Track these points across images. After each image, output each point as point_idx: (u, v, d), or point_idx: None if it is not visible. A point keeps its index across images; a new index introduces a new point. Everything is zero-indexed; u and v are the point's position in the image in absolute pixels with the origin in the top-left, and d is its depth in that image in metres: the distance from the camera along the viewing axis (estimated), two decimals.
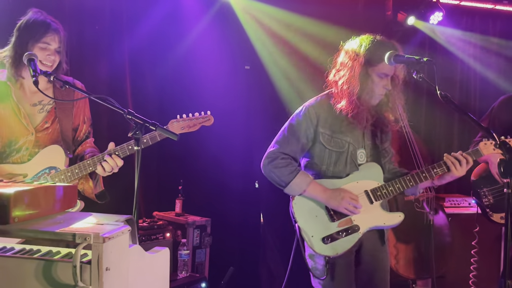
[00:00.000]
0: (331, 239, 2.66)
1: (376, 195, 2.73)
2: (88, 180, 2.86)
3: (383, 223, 2.76)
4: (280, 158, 2.69)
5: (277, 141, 2.79)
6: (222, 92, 4.91)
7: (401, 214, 2.78)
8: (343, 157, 2.73)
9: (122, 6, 4.61)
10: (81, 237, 1.47)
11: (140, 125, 2.19)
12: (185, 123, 2.87)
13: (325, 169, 2.75)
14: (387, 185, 2.74)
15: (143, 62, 4.74)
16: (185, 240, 4.21)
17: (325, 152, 2.73)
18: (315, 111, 2.73)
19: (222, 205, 4.96)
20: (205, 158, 4.81)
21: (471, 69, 6.18)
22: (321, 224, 2.68)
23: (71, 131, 2.88)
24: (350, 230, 2.68)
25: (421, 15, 5.61)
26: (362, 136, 2.78)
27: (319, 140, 2.72)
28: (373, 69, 2.59)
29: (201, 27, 4.88)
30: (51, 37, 2.70)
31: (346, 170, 2.74)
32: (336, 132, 2.71)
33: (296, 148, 2.75)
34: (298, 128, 2.74)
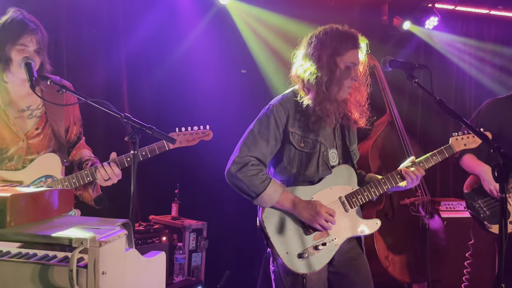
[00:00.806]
0: (308, 254, 2.42)
1: (352, 201, 2.53)
2: (87, 188, 2.82)
3: (360, 231, 2.56)
4: (250, 165, 2.44)
5: (244, 143, 2.53)
6: (218, 96, 4.92)
7: (377, 221, 2.59)
8: (315, 159, 2.51)
9: (119, 9, 4.62)
10: (78, 241, 1.47)
11: (137, 129, 2.18)
12: (184, 137, 2.87)
13: (296, 172, 2.52)
14: (362, 190, 2.55)
15: (140, 66, 4.74)
16: (181, 244, 4.21)
17: (296, 154, 2.51)
18: (283, 108, 2.52)
19: (218, 208, 4.96)
20: (201, 161, 4.80)
21: (466, 74, 6.22)
22: (295, 239, 2.43)
23: (64, 133, 2.83)
24: (327, 243, 2.46)
25: (417, 20, 5.64)
26: (333, 135, 2.60)
27: (288, 140, 2.50)
28: (341, 59, 2.44)
29: (197, 31, 4.90)
30: (28, 38, 2.60)
31: (318, 174, 2.52)
32: (306, 131, 2.50)
33: (266, 151, 2.49)
34: (267, 128, 2.50)
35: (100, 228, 1.60)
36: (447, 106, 2.09)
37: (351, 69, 2.46)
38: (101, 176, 2.69)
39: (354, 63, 2.47)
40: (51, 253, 1.70)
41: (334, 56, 2.44)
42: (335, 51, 2.44)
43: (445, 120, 5.79)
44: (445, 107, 2.08)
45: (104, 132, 4.36)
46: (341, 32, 2.50)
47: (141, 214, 4.66)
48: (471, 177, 3.26)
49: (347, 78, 2.45)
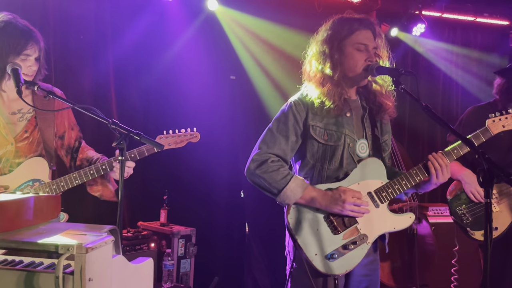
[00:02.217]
0: (337, 255, 2.33)
1: (382, 196, 2.41)
2: (106, 185, 2.84)
3: (393, 227, 2.44)
4: (270, 161, 2.36)
5: (263, 141, 2.44)
6: (207, 102, 4.93)
7: (411, 215, 2.47)
8: (339, 152, 2.41)
9: (107, 15, 4.61)
10: (64, 247, 1.46)
11: (125, 135, 2.18)
12: (172, 139, 2.89)
13: (320, 167, 2.42)
14: (393, 183, 2.42)
15: (128, 71, 4.74)
16: (169, 250, 4.19)
17: (319, 148, 2.42)
18: (302, 103, 2.45)
19: (207, 214, 4.95)
20: (190, 167, 4.80)
21: (453, 81, 6.30)
22: (324, 239, 2.33)
23: (54, 140, 2.83)
24: (358, 241, 2.35)
25: (404, 27, 5.72)
26: (362, 125, 2.49)
27: (310, 135, 2.42)
28: (347, 42, 2.40)
29: (186, 37, 4.90)
30: (33, 48, 2.64)
31: (343, 168, 2.42)
32: (329, 123, 2.41)
33: (286, 147, 2.41)
34: (285, 124, 2.43)
35: (87, 235, 1.60)
36: (433, 112, 2.10)
37: (363, 50, 2.41)
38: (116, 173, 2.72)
39: (365, 44, 2.42)
40: (37, 260, 1.69)
41: (342, 41, 2.42)
42: (343, 35, 2.42)
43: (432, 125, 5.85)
44: (432, 114, 2.09)
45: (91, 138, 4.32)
46: (346, 17, 2.50)
47: (129, 220, 4.65)
48: (454, 183, 3.28)
49: (360, 60, 2.40)
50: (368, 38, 2.44)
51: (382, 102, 2.51)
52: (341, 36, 2.43)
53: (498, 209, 3.06)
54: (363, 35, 2.43)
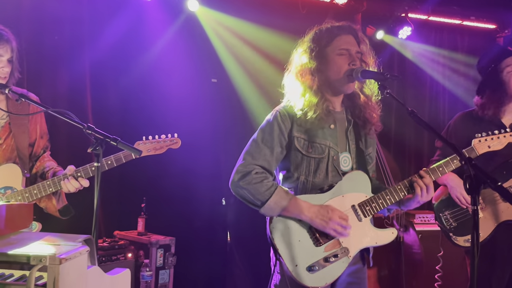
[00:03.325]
0: (318, 267, 2.35)
1: (365, 210, 2.45)
2: (51, 198, 2.80)
3: (375, 242, 2.48)
4: (254, 173, 2.38)
5: (247, 152, 2.46)
6: (188, 106, 4.92)
7: (393, 230, 2.51)
8: (324, 165, 2.45)
9: (83, 15, 4.58)
10: (36, 258, 1.45)
11: (101, 140, 2.16)
12: (152, 145, 2.86)
13: (304, 179, 2.45)
14: (377, 198, 2.46)
15: (105, 74, 4.71)
16: (147, 261, 4.17)
17: (303, 160, 2.45)
18: (288, 113, 2.47)
19: (187, 223, 4.94)
20: (169, 173, 4.79)
21: (440, 85, 6.39)
22: (305, 250, 2.37)
23: (27, 147, 2.82)
24: (339, 254, 2.39)
25: (390, 29, 5.80)
26: (346, 138, 2.53)
27: (294, 146, 2.45)
28: (329, 49, 2.43)
29: (166, 39, 4.90)
30: (4, 48, 2.62)
31: (328, 180, 2.46)
32: (313, 135, 2.45)
33: (271, 159, 2.44)
34: (270, 134, 2.45)
35: (61, 245, 1.58)
36: (419, 117, 2.12)
37: (345, 55, 2.44)
38: (67, 188, 2.67)
39: (346, 48, 2.44)
40: (7, 272, 1.67)
41: (324, 49, 2.45)
42: (323, 43, 2.45)
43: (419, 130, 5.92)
44: (417, 118, 2.12)
45: (67, 144, 4.30)
46: (326, 26, 2.52)
47: (105, 229, 4.61)
48: (440, 188, 3.33)
49: (343, 64, 2.42)
50: (349, 42, 2.47)
51: (368, 116, 2.54)
52: (322, 45, 2.46)
53: (481, 215, 3.12)
54: (344, 40, 2.47)
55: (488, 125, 3.24)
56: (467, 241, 3.16)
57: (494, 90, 3.24)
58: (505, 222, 3.10)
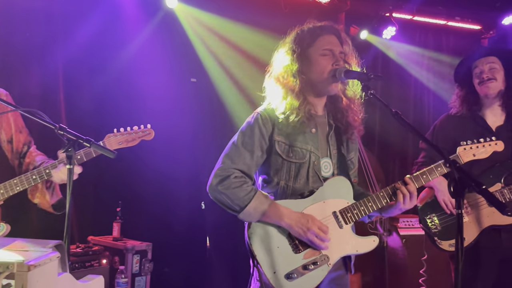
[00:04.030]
0: (297, 275, 2.34)
1: (347, 216, 2.44)
2: (45, 194, 2.77)
3: (355, 250, 2.47)
4: (233, 177, 2.37)
5: (226, 155, 2.45)
6: (166, 106, 4.90)
7: (375, 238, 2.50)
8: (304, 170, 2.45)
9: (56, 11, 4.53)
10: (3, 265, 1.43)
11: (73, 141, 2.14)
12: (123, 137, 2.82)
13: (284, 185, 2.46)
14: (359, 205, 2.46)
15: (79, 72, 4.67)
16: (123, 267, 4.14)
17: (283, 165, 2.45)
18: (269, 116, 2.46)
19: (164, 228, 4.91)
20: (146, 176, 4.76)
21: (424, 86, 6.47)
22: (284, 257, 2.36)
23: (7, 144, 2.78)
24: (319, 262, 2.38)
25: (374, 29, 5.85)
26: (327, 143, 2.54)
27: (274, 150, 2.44)
28: (311, 50, 2.45)
29: (143, 36, 4.87)
30: None
31: (308, 186, 2.46)
32: (294, 139, 2.45)
33: (250, 162, 2.43)
34: (251, 138, 2.44)
35: (30, 251, 1.56)
36: (403, 118, 2.13)
37: (328, 55, 2.44)
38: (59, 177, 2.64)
39: (330, 49, 2.45)
40: None
41: (306, 50, 2.45)
42: (305, 44, 2.46)
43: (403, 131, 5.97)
44: (401, 120, 2.13)
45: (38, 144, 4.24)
46: (308, 27, 2.53)
47: (79, 234, 4.56)
48: (425, 190, 3.36)
49: (326, 64, 2.43)
50: (332, 42, 2.48)
51: (350, 120, 2.55)
52: (304, 45, 2.47)
53: (467, 219, 3.15)
54: (327, 40, 2.47)
55: (474, 126, 3.28)
56: (452, 246, 3.19)
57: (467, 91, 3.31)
58: (490, 227, 3.14)
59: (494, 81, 3.20)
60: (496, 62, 3.24)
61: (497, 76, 3.21)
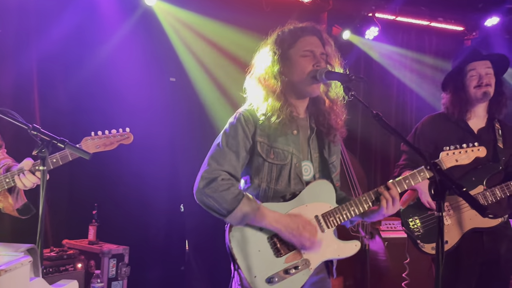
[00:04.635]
0: (278, 279, 2.35)
1: (329, 220, 2.45)
2: (7, 197, 2.73)
3: (337, 254, 2.48)
4: (220, 179, 2.36)
5: (212, 157, 2.44)
6: (144, 106, 4.88)
7: (357, 242, 2.51)
8: (286, 172, 2.46)
9: (31, 6, 4.48)
10: None
11: (47, 142, 2.12)
12: (101, 141, 2.80)
13: (266, 187, 2.47)
14: (341, 209, 2.47)
15: (54, 71, 4.62)
16: (99, 271, 4.09)
17: (265, 166, 2.46)
18: (251, 116, 2.47)
19: (142, 231, 4.89)
20: (123, 178, 4.73)
21: (407, 87, 6.54)
22: (265, 261, 2.36)
23: None
24: (300, 266, 2.39)
25: (357, 29, 5.90)
26: (308, 146, 2.56)
27: (256, 151, 2.45)
28: (292, 51, 2.46)
29: (120, 35, 4.84)
30: None
31: (290, 188, 2.48)
32: (276, 141, 2.46)
33: (236, 164, 2.43)
34: (235, 138, 2.44)
35: (0, 255, 1.54)
36: (384, 120, 2.15)
37: (309, 56, 2.45)
38: (22, 183, 2.60)
39: (311, 50, 2.46)
40: None
41: (287, 51, 2.47)
42: (286, 45, 2.47)
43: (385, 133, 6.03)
44: (382, 122, 2.15)
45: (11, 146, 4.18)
46: (289, 28, 2.54)
47: (53, 238, 4.52)
48: (408, 192, 3.38)
49: (307, 66, 2.44)
50: (313, 43, 2.49)
51: (332, 122, 2.57)
52: (285, 47, 2.48)
53: (449, 222, 3.19)
54: (308, 41, 2.49)
55: (456, 128, 3.33)
56: (434, 249, 3.22)
57: (456, 90, 3.34)
58: (472, 229, 3.18)
59: (490, 87, 3.26)
60: (491, 67, 3.29)
61: (492, 82, 3.28)
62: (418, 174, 2.53)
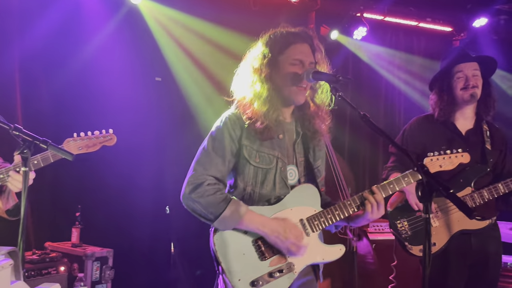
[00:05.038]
0: (262, 282, 2.38)
1: (314, 224, 2.48)
2: None
3: (322, 258, 2.52)
4: (206, 184, 2.39)
5: (198, 162, 2.46)
6: (129, 106, 4.87)
7: (341, 246, 2.55)
8: (271, 176, 2.49)
9: (14, 4, 4.45)
10: None
11: (29, 142, 2.11)
12: (83, 142, 2.78)
13: (251, 190, 2.50)
14: (326, 213, 2.50)
15: (37, 70, 4.60)
16: (82, 275, 4.08)
17: (250, 170, 2.48)
18: (238, 119, 2.49)
19: (127, 233, 4.87)
20: (107, 179, 4.71)
21: (395, 88, 6.58)
22: (249, 264, 2.39)
23: None
24: (285, 270, 2.42)
25: (345, 29, 5.93)
26: (293, 151, 2.59)
27: (242, 154, 2.48)
28: (282, 58, 2.47)
29: (106, 33, 4.82)
30: None
31: (275, 192, 2.50)
32: (261, 145, 2.48)
33: (223, 168, 2.46)
34: (221, 142, 2.47)
35: None
36: (371, 121, 2.17)
37: (298, 65, 2.47)
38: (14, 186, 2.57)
39: (300, 59, 2.47)
40: None
41: (277, 57, 2.48)
42: (276, 51, 2.48)
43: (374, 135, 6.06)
44: (370, 123, 2.16)
45: None
46: (281, 31, 2.54)
47: (35, 240, 4.49)
48: (396, 194, 3.41)
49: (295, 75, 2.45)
50: (304, 52, 2.51)
51: (317, 128, 2.60)
52: (275, 52, 2.49)
53: (437, 224, 3.22)
54: (299, 49, 2.50)
55: (444, 130, 3.36)
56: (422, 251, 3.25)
57: (443, 91, 3.37)
58: (460, 231, 3.21)
59: (477, 89, 3.28)
60: (478, 69, 3.32)
61: (479, 83, 3.30)
62: (402, 179, 2.56)
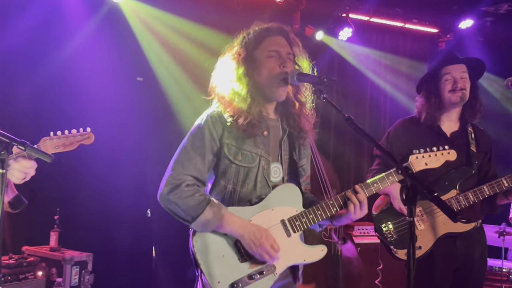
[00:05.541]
0: (242, 284, 2.38)
1: (295, 225, 2.49)
2: None
3: (303, 259, 2.53)
4: (185, 185, 2.38)
5: (177, 161, 2.45)
6: (110, 106, 4.85)
7: (323, 247, 2.55)
8: (253, 174, 2.49)
9: None
10: None
11: (6, 143, 2.09)
12: (60, 141, 2.76)
13: (232, 189, 2.49)
14: (307, 213, 2.50)
15: (14, 68, 4.56)
16: (60, 280, 4.07)
17: (232, 168, 2.48)
18: (219, 117, 2.49)
19: (107, 237, 4.85)
20: (87, 181, 4.68)
21: (381, 90, 6.63)
22: (229, 266, 2.39)
23: None
24: (265, 271, 2.43)
25: (330, 30, 5.96)
26: (279, 148, 2.59)
27: (223, 153, 2.47)
28: (257, 52, 2.49)
29: (86, 32, 4.81)
30: None
31: (256, 191, 2.50)
32: (244, 143, 2.48)
33: (202, 167, 2.45)
34: (201, 141, 2.46)
35: None
36: (356, 124, 2.18)
37: (274, 57, 2.47)
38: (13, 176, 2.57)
39: (276, 50, 2.48)
40: None
41: (252, 52, 2.49)
42: (252, 46, 2.49)
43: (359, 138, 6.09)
44: (354, 125, 2.17)
45: None
46: (255, 28, 2.56)
47: (12, 244, 4.45)
48: (381, 197, 3.43)
49: (274, 67, 2.46)
50: (279, 43, 2.52)
51: (302, 126, 2.60)
52: (250, 48, 2.50)
53: (423, 227, 3.24)
54: (273, 41, 2.51)
55: (429, 132, 3.38)
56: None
57: (430, 93, 3.39)
58: (446, 234, 3.24)
59: (465, 91, 3.31)
60: (466, 71, 3.34)
61: (467, 86, 3.32)
62: (386, 178, 2.56)
